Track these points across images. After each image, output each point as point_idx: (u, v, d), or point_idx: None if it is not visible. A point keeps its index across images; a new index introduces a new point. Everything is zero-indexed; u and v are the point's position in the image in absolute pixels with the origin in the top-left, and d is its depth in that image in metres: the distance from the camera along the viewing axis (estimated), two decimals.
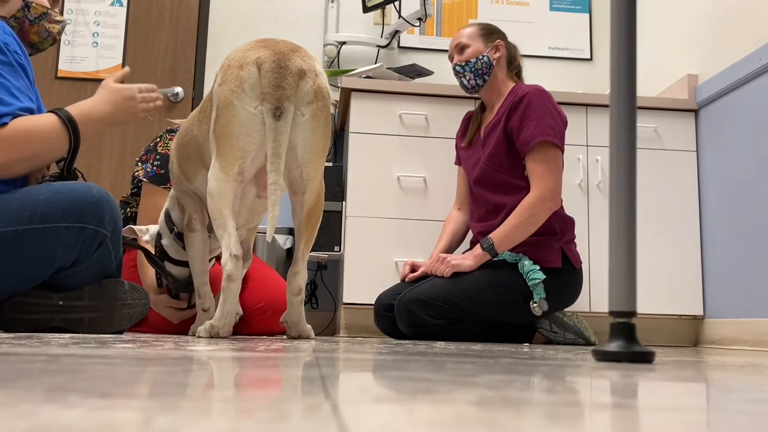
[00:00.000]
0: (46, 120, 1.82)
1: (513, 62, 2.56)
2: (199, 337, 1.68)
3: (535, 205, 2.30)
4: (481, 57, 2.48)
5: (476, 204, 2.53)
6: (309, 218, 1.78)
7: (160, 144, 2.50)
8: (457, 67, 2.52)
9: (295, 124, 1.65)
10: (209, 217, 2.01)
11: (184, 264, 2.12)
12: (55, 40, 2.06)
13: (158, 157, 2.46)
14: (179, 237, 2.11)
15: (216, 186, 1.66)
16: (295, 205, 1.80)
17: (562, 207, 2.44)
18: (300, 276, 1.76)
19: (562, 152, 2.39)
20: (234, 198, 1.68)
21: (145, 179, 2.42)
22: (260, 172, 1.75)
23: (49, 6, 2.02)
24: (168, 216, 2.14)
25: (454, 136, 2.87)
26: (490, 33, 2.54)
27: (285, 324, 1.86)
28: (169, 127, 2.60)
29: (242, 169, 1.66)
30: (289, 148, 1.67)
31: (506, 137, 2.39)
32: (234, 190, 1.66)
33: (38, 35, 2.00)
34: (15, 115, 1.76)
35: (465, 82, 2.53)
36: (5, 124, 1.74)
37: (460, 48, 2.52)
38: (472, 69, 2.49)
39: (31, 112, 1.81)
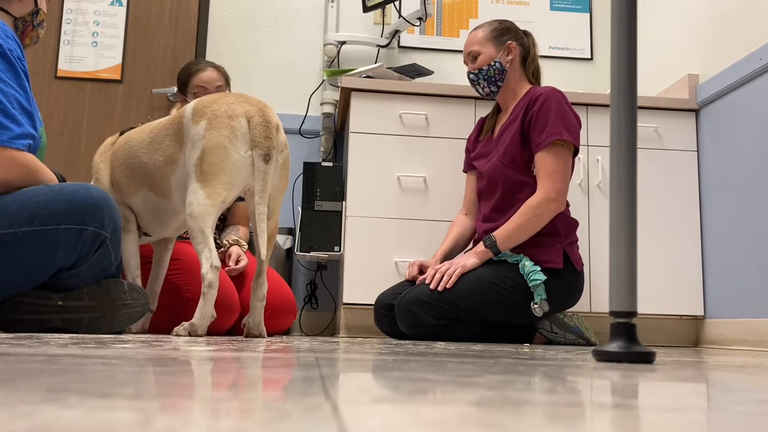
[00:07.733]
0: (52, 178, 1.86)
1: (527, 59, 2.53)
2: (178, 335, 1.85)
3: (539, 206, 2.30)
4: (493, 63, 2.46)
5: (483, 201, 2.53)
6: (270, 240, 2.05)
7: None
8: (471, 76, 2.52)
9: None
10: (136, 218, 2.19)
11: None
12: (35, 44, 2.09)
13: None
14: None
15: (200, 210, 1.88)
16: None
17: (567, 209, 2.44)
18: (265, 286, 2.01)
19: (578, 152, 2.40)
20: (214, 219, 1.91)
21: None
22: None
23: (45, 12, 2.02)
24: None
25: (455, 136, 2.87)
26: (501, 34, 2.50)
27: (246, 325, 2.03)
28: None
29: (226, 198, 1.91)
30: None
31: (521, 135, 2.39)
32: (217, 214, 1.91)
33: (31, 39, 2.02)
34: (29, 143, 1.78)
35: (480, 91, 2.54)
36: (18, 149, 1.75)
37: (473, 57, 2.50)
38: (486, 77, 2.48)
39: (33, 137, 1.82)
